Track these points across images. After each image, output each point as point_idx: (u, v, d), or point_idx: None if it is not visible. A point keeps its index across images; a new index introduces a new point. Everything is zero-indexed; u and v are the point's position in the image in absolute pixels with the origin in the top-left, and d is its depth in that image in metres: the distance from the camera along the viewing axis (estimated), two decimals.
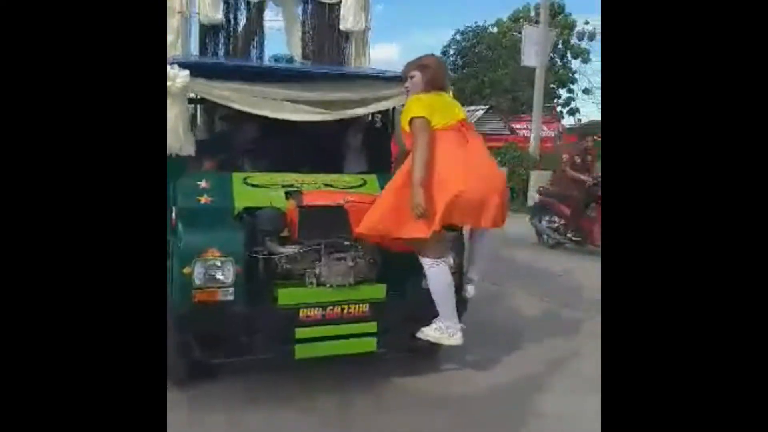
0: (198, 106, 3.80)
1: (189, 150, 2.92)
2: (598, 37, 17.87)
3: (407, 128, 2.68)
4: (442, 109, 2.72)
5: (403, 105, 3.27)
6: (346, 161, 3.54)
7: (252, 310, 2.50)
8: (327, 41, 4.47)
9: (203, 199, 2.77)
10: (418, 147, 2.57)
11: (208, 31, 4.24)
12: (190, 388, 2.79)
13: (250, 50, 4.31)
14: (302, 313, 2.58)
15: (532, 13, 19.33)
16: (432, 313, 2.71)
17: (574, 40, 19.75)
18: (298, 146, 3.35)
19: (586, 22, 19.37)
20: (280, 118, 3.04)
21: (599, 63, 20.04)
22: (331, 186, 3.01)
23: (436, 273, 2.63)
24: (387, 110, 3.57)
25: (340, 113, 3.19)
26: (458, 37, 21.53)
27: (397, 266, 2.76)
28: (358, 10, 4.44)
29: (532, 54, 8.69)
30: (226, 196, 2.80)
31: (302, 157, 3.30)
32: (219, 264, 2.43)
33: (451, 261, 2.78)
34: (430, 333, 2.70)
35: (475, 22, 20.95)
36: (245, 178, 2.96)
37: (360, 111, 3.26)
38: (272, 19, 4.67)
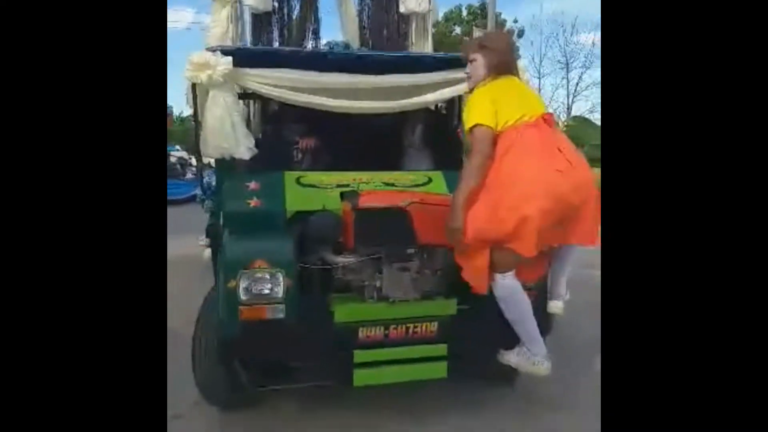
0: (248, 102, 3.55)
1: (244, 153, 2.64)
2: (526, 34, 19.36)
3: (468, 132, 2.21)
4: (513, 102, 2.19)
5: (468, 92, 2.89)
6: (409, 157, 3.17)
7: (305, 329, 2.19)
8: (385, 25, 4.13)
9: (252, 203, 2.49)
10: (470, 165, 2.15)
11: (260, 21, 4.00)
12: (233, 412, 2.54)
13: (304, 38, 4.02)
14: (362, 332, 2.25)
15: (464, 14, 20.41)
16: (513, 333, 2.30)
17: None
18: (357, 141, 3.03)
19: (515, 20, 20.62)
20: (336, 111, 2.73)
21: (526, 59, 20.77)
22: (393, 185, 2.65)
23: (503, 288, 2.17)
24: (453, 99, 3.19)
25: (403, 102, 2.84)
26: None
27: None
28: None
29: None
30: (277, 199, 2.49)
31: (362, 153, 2.96)
32: (268, 276, 2.14)
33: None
34: (511, 358, 2.30)
35: None
36: (298, 178, 2.66)
37: (424, 99, 2.90)
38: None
